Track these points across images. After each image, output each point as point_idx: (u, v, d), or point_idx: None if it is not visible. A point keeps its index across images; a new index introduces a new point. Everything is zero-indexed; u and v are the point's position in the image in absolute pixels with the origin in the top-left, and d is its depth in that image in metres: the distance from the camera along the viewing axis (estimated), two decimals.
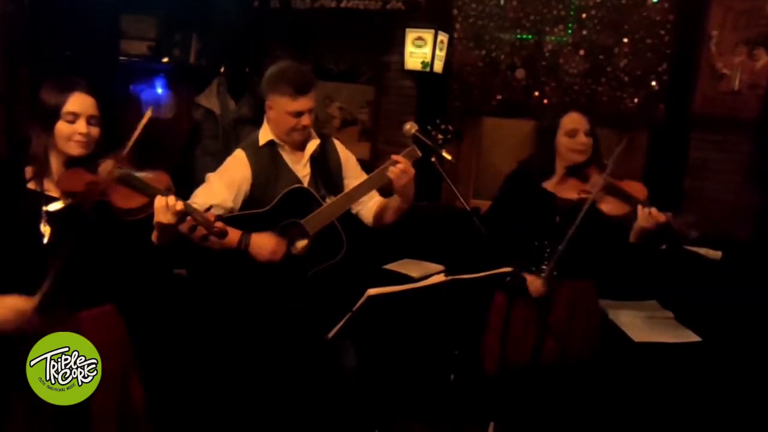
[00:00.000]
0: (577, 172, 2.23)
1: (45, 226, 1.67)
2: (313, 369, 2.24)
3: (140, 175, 1.74)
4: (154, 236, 1.74)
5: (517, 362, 2.19)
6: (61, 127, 1.66)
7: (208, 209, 1.76)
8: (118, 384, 1.78)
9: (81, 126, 1.67)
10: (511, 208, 2.27)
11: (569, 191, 2.20)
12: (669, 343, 2.51)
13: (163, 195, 1.68)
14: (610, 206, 2.12)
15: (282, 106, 2.12)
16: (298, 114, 2.12)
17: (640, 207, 2.05)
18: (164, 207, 1.66)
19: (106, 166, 1.70)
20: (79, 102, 1.67)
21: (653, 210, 2.04)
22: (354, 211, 2.34)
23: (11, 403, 1.65)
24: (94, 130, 1.70)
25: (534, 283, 2.16)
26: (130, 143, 1.70)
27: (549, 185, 2.26)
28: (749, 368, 2.53)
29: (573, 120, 2.22)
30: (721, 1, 3.00)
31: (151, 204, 1.68)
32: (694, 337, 2.57)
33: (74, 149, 1.68)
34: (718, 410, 2.46)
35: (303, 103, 2.11)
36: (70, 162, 1.70)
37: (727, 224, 3.03)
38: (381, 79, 3.76)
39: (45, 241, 1.67)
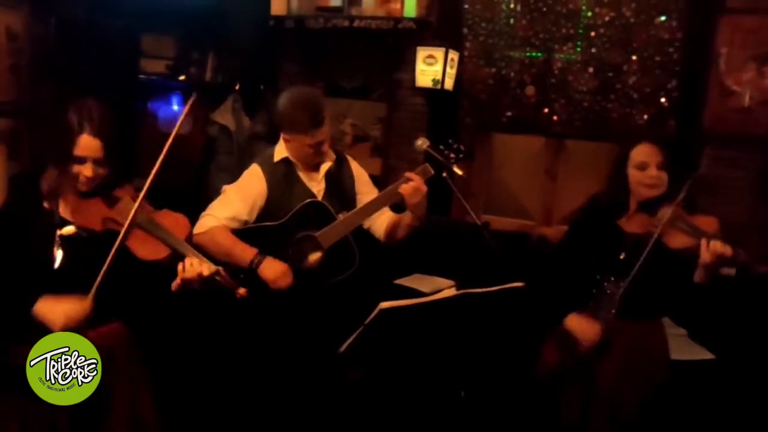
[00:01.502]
0: (649, 207, 2.08)
1: (58, 249, 1.68)
2: (319, 382, 2.26)
3: (160, 221, 1.74)
4: (174, 286, 1.73)
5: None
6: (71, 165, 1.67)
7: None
8: (130, 402, 1.79)
9: (87, 169, 1.67)
10: (581, 245, 2.14)
11: (637, 226, 2.07)
12: (682, 361, 2.50)
13: (185, 254, 1.68)
14: (674, 239, 1.98)
15: (300, 141, 2.18)
16: (318, 145, 2.18)
17: (702, 241, 1.89)
18: (189, 276, 1.66)
19: (125, 205, 1.71)
20: (85, 146, 1.67)
21: (715, 243, 1.87)
22: (366, 227, 2.37)
23: (18, 416, 1.66)
24: (101, 171, 1.70)
25: (591, 327, 2.02)
26: (147, 185, 1.69)
27: (620, 221, 2.12)
28: (764, 386, 2.51)
29: (643, 152, 2.06)
30: (729, 20, 3.02)
31: (170, 256, 1.69)
32: (707, 355, 2.56)
33: (81, 187, 1.70)
34: (732, 429, 2.44)
35: (320, 134, 2.16)
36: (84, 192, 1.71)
37: (740, 240, 3.02)
38: (392, 96, 3.81)
39: (56, 265, 1.68)
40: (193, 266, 1.66)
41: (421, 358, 2.65)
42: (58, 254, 1.68)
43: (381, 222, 2.35)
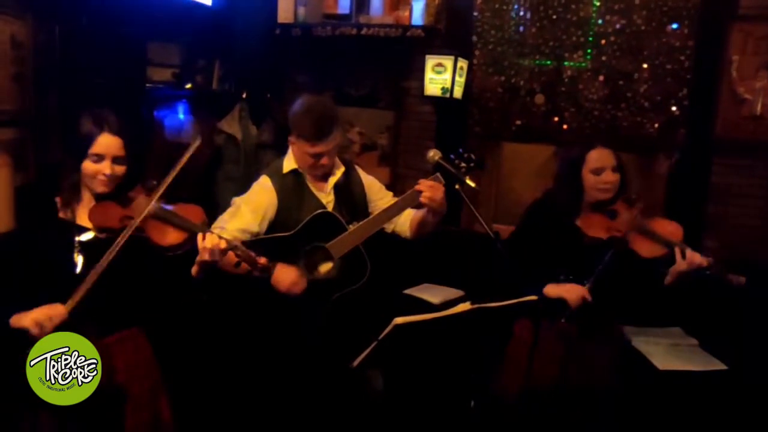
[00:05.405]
0: (603, 208, 2.17)
1: (78, 255, 1.71)
2: (338, 393, 2.24)
3: (176, 210, 1.77)
4: (194, 270, 1.77)
5: (538, 389, 2.15)
6: (87, 165, 1.71)
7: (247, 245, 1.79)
8: (149, 405, 1.81)
9: (105, 167, 1.71)
10: (535, 238, 2.21)
11: (597, 228, 2.14)
12: (694, 371, 2.47)
13: (202, 231, 1.72)
14: (644, 248, 2.05)
15: (302, 147, 2.18)
16: (317, 156, 2.17)
17: (677, 250, 1.99)
18: (209, 246, 1.70)
19: (141, 202, 1.74)
20: (105, 144, 1.72)
21: (690, 253, 1.98)
22: (389, 230, 2.36)
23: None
24: (119, 169, 1.74)
25: (574, 288, 2.07)
26: (164, 185, 1.74)
27: (575, 220, 2.20)
28: None
29: (599, 157, 2.15)
30: (741, 28, 3.00)
31: (189, 240, 1.72)
32: (719, 365, 2.54)
33: (98, 187, 1.73)
34: None
35: (321, 147, 2.15)
36: (100, 195, 1.74)
37: (751, 248, 2.99)
38: (400, 104, 3.80)
39: (78, 270, 1.70)
40: (211, 238, 1.70)
41: (431, 368, 2.63)
42: (79, 260, 1.71)
43: (403, 221, 2.34)
